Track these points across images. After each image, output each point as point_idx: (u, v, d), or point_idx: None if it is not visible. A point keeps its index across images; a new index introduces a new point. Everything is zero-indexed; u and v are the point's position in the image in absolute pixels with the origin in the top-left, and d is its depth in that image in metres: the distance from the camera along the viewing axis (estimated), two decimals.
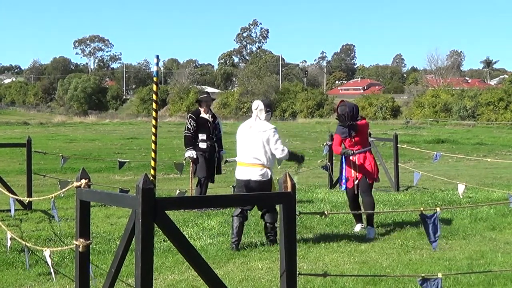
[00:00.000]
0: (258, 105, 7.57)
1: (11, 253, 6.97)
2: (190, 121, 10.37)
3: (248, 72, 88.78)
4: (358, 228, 8.41)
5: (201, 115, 10.39)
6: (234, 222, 7.40)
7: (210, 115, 10.43)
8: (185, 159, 10.73)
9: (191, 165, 10.44)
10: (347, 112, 8.31)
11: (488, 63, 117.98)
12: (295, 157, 8.06)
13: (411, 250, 7.22)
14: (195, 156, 10.20)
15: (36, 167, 13.85)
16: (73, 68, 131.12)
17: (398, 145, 13.28)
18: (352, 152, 8.38)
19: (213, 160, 10.40)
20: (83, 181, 4.22)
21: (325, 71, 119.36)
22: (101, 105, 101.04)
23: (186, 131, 10.37)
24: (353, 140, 8.40)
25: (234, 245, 7.32)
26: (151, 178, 9.03)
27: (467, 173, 16.67)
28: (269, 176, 7.44)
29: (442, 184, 13.20)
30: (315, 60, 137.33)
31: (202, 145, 10.27)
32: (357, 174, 8.37)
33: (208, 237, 7.98)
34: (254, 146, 7.38)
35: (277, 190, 7.71)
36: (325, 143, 13.26)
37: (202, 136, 10.30)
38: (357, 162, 8.39)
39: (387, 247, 7.38)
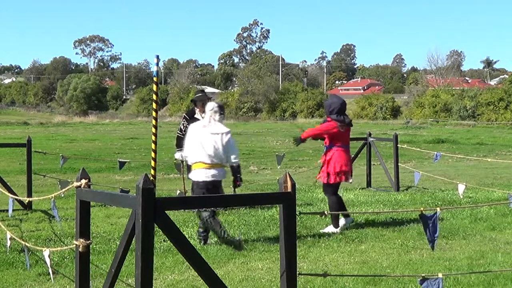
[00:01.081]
0: (213, 107, 7.61)
1: (11, 253, 6.97)
2: (184, 121, 10.09)
3: (248, 72, 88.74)
4: (342, 222, 8.47)
5: (195, 116, 10.01)
6: (212, 222, 7.45)
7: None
8: (175, 160, 10.54)
9: (182, 166, 10.27)
10: (325, 106, 8.75)
11: (488, 63, 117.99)
12: (238, 169, 7.92)
13: (411, 250, 7.22)
14: (183, 159, 9.94)
15: (36, 167, 13.85)
16: (73, 68, 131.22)
17: (398, 145, 13.28)
18: (300, 136, 8.77)
19: None
20: (83, 181, 4.22)
21: (325, 71, 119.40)
22: (101, 105, 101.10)
23: (178, 132, 10.16)
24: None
25: (203, 240, 7.58)
26: (151, 178, 9.03)
27: (467, 173, 16.66)
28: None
29: (442, 184, 13.20)
30: (315, 60, 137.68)
31: None
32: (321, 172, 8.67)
33: (208, 237, 7.97)
34: (215, 147, 7.38)
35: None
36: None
37: None
38: (321, 161, 8.71)
39: (387, 247, 7.38)
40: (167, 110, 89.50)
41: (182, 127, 10.07)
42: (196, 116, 10.04)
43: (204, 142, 7.42)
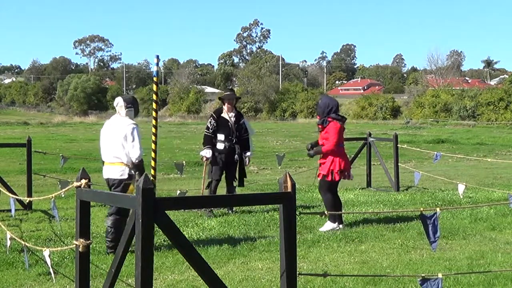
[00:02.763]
0: (118, 102, 7.38)
1: (11, 253, 6.97)
2: (211, 120, 9.94)
3: (248, 72, 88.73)
4: (333, 226, 8.48)
5: (222, 115, 9.90)
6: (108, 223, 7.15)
7: (234, 114, 9.93)
8: (201, 158, 10.10)
9: (205, 164, 10.04)
10: (319, 106, 8.71)
11: (489, 63, 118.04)
12: (141, 168, 7.25)
13: (411, 250, 7.22)
14: (208, 156, 9.75)
15: (36, 167, 13.85)
16: (73, 68, 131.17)
17: (398, 145, 13.28)
18: (308, 149, 8.80)
19: (231, 162, 9.91)
20: (83, 181, 4.22)
21: (325, 71, 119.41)
22: (101, 105, 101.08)
23: (205, 130, 9.95)
24: (322, 135, 8.66)
25: (111, 250, 6.94)
26: (151, 178, 9.01)
27: (467, 173, 16.66)
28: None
29: (442, 184, 13.20)
30: (315, 60, 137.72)
31: (220, 146, 9.81)
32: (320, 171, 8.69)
33: (208, 237, 7.98)
34: (113, 143, 7.16)
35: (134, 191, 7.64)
36: None
37: (220, 137, 9.81)
38: (319, 160, 8.72)
39: (387, 247, 7.38)
40: (167, 110, 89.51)
41: (209, 125, 9.92)
42: (223, 114, 9.94)
43: (107, 139, 7.23)
